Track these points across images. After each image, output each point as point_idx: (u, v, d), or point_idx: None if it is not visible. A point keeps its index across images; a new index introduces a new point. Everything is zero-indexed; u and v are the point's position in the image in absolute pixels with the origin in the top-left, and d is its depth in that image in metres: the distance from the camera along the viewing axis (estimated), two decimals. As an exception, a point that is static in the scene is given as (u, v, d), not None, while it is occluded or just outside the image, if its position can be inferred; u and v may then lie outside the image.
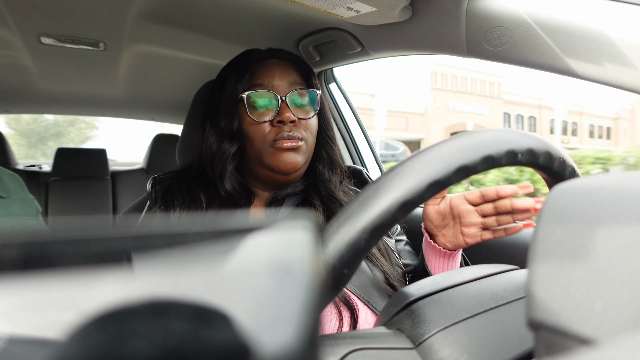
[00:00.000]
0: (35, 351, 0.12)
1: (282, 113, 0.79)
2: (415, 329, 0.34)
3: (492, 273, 0.41)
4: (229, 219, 0.16)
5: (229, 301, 0.14)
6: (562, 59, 0.65)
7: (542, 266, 0.24)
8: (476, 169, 0.33)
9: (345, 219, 0.32)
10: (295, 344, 0.14)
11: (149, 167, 2.54)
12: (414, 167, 0.33)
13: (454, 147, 0.34)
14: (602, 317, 0.20)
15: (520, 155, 0.35)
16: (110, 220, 0.15)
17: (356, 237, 0.31)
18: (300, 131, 0.81)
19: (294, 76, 0.84)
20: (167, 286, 0.14)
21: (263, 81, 0.81)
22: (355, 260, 0.31)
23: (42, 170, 2.46)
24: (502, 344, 0.32)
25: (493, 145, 0.35)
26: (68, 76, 1.68)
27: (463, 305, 0.35)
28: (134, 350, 0.13)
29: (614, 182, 0.25)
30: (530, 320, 0.23)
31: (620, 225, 0.22)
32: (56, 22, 1.11)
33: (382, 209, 0.31)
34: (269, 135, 0.80)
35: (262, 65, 0.84)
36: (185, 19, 1.10)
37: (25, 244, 0.13)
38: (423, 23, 0.85)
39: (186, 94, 1.56)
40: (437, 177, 0.32)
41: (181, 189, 0.82)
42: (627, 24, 0.59)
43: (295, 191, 0.86)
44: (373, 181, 0.34)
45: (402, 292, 0.39)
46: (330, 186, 0.86)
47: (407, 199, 0.31)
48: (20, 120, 22.31)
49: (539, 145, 0.37)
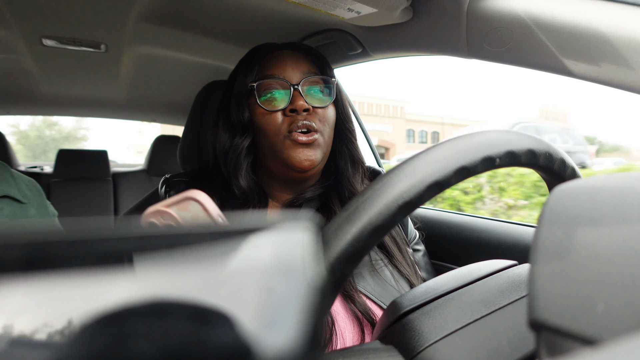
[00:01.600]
0: (38, 351, 0.12)
1: (295, 101, 0.75)
2: (408, 343, 0.34)
3: (487, 274, 0.41)
4: (232, 220, 0.16)
5: (230, 302, 0.14)
6: (563, 59, 0.65)
7: (543, 267, 0.24)
8: (476, 169, 0.33)
9: (345, 218, 0.32)
10: (297, 344, 0.14)
11: (150, 169, 2.54)
12: (413, 168, 0.33)
13: (454, 148, 0.34)
14: (604, 318, 0.20)
15: (520, 156, 0.35)
16: (112, 221, 0.15)
17: (356, 236, 0.31)
18: (315, 121, 0.76)
19: (307, 65, 0.80)
20: (169, 287, 0.14)
21: (274, 72, 0.78)
22: (354, 261, 0.31)
23: (43, 172, 2.47)
24: (494, 353, 0.32)
25: (493, 146, 0.34)
26: (70, 78, 1.68)
27: (455, 314, 0.35)
28: (136, 350, 0.13)
29: (615, 182, 0.25)
30: (532, 320, 0.23)
31: (622, 225, 0.22)
32: (58, 24, 1.11)
33: (381, 210, 0.31)
34: (283, 126, 0.75)
35: (273, 56, 0.80)
36: (186, 21, 1.10)
37: (27, 245, 0.13)
38: (424, 24, 0.85)
39: (187, 96, 1.56)
40: (437, 178, 0.32)
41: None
42: (628, 25, 0.58)
43: (314, 195, 0.81)
44: (373, 182, 0.34)
45: (395, 302, 0.39)
46: (354, 184, 0.81)
47: (406, 200, 0.31)
48: (29, 137, 27.95)
49: (539, 146, 0.37)
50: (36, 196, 0.99)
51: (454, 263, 1.10)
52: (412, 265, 0.77)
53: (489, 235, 1.02)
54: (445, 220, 1.17)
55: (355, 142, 0.85)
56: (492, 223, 1.05)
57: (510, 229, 1.00)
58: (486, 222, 1.07)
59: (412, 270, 0.76)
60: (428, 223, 1.20)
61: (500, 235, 1.00)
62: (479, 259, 1.05)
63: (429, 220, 1.20)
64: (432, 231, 1.17)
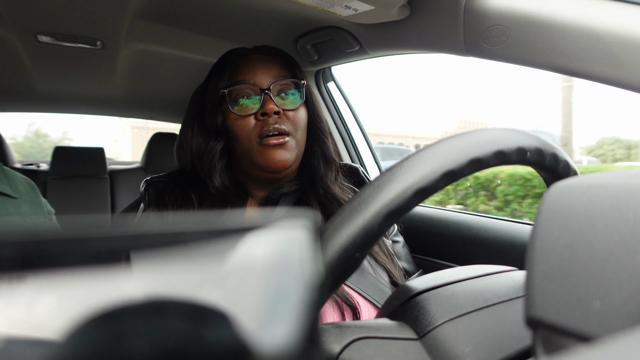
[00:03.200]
0: (34, 351, 0.12)
1: (266, 105, 0.77)
2: (420, 320, 0.34)
3: (492, 272, 0.41)
4: (228, 218, 0.16)
5: (227, 300, 0.14)
6: (559, 57, 0.65)
7: (540, 264, 0.24)
8: (488, 163, 0.34)
9: (360, 202, 0.33)
10: (293, 342, 0.14)
11: (147, 166, 2.53)
12: (428, 157, 0.34)
13: (468, 140, 0.35)
14: (600, 315, 0.20)
15: (529, 153, 0.36)
16: (108, 219, 0.15)
17: (370, 220, 0.31)
18: (286, 124, 0.78)
19: (277, 69, 0.82)
20: (165, 285, 0.14)
21: (245, 77, 0.80)
22: (368, 244, 0.31)
23: (39, 169, 2.45)
24: (507, 337, 0.32)
25: (505, 141, 0.35)
26: (65, 74, 1.67)
27: (467, 299, 0.36)
28: (133, 349, 0.13)
29: (611, 180, 0.25)
30: (528, 318, 0.23)
31: (618, 223, 0.22)
32: (53, 21, 1.10)
33: (397, 194, 0.32)
34: (254, 130, 0.78)
35: (243, 61, 0.83)
36: (182, 18, 1.10)
37: (23, 243, 0.13)
38: (421, 22, 0.85)
39: (184, 93, 1.56)
40: (451, 167, 0.33)
41: (173, 190, 0.82)
42: (624, 23, 0.59)
43: (290, 190, 0.84)
44: (388, 168, 0.35)
45: (405, 286, 0.39)
46: (327, 181, 0.84)
47: (421, 187, 0.32)
48: (24, 146, 34.93)
49: (546, 146, 0.37)
50: (30, 193, 1.00)
51: (452, 261, 1.10)
52: (389, 254, 0.81)
53: (487, 233, 1.03)
54: (443, 218, 1.17)
55: (327, 142, 0.88)
56: (490, 221, 1.06)
57: (507, 227, 1.00)
58: (483, 219, 1.08)
59: (389, 259, 0.79)
60: (426, 221, 1.20)
61: (498, 233, 1.00)
62: (476, 256, 1.05)
63: (427, 218, 1.20)
64: (430, 229, 1.18)
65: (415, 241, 0.99)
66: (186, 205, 0.79)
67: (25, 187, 1.00)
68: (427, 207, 1.29)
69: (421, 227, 1.19)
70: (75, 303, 0.13)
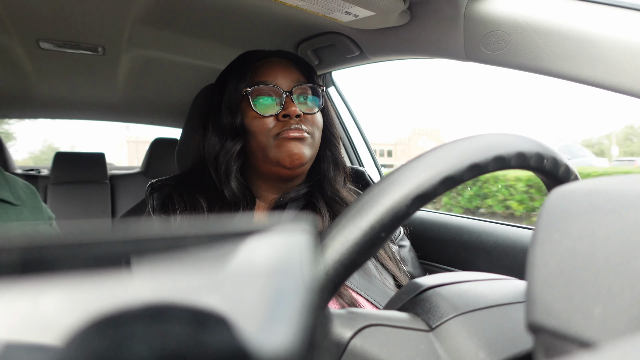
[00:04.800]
0: (35, 356, 0.12)
1: (288, 107, 0.78)
2: (432, 313, 0.35)
3: (497, 278, 0.42)
4: (228, 222, 0.16)
5: (227, 304, 0.14)
6: (558, 63, 0.65)
7: (541, 269, 0.24)
8: (487, 168, 0.34)
9: (388, 184, 0.33)
10: (294, 346, 0.14)
11: (147, 171, 2.53)
12: (428, 162, 0.34)
13: (468, 145, 0.35)
14: (601, 320, 0.20)
15: (529, 158, 0.36)
16: (109, 224, 0.15)
17: (399, 201, 0.32)
18: (306, 125, 0.80)
19: (296, 74, 0.84)
20: (166, 290, 0.14)
21: (266, 78, 0.81)
22: (395, 225, 0.32)
23: (40, 175, 2.46)
24: (518, 335, 0.32)
25: (505, 146, 0.35)
26: (67, 81, 1.68)
27: (477, 298, 0.36)
28: (133, 354, 0.13)
29: (612, 184, 0.25)
30: (529, 323, 0.23)
31: (619, 228, 0.22)
32: (55, 27, 1.11)
33: (426, 179, 0.33)
34: (273, 129, 0.78)
35: (264, 63, 0.84)
36: (183, 23, 1.10)
37: (24, 248, 0.13)
38: (421, 27, 0.85)
39: (185, 98, 1.56)
40: (450, 173, 0.33)
41: (181, 195, 0.80)
42: (624, 28, 0.59)
43: (298, 195, 0.84)
44: (388, 174, 0.35)
45: (415, 282, 0.39)
46: (335, 185, 0.85)
47: (420, 193, 0.32)
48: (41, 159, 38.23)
49: (546, 151, 0.37)
50: (31, 198, 1.00)
51: (453, 265, 1.10)
52: (395, 259, 0.81)
53: (487, 237, 1.03)
54: (443, 222, 1.17)
55: (339, 146, 0.89)
56: (490, 225, 1.06)
57: (508, 232, 1.00)
58: (484, 224, 1.07)
59: (395, 265, 0.79)
60: (426, 225, 1.20)
61: (498, 238, 1.00)
62: (477, 261, 1.05)
63: (427, 222, 1.20)
64: (430, 234, 1.18)
65: (415, 245, 0.99)
66: (195, 210, 0.78)
67: (26, 192, 1.00)
68: (428, 211, 1.29)
69: (422, 231, 1.19)
70: (75, 308, 0.13)
